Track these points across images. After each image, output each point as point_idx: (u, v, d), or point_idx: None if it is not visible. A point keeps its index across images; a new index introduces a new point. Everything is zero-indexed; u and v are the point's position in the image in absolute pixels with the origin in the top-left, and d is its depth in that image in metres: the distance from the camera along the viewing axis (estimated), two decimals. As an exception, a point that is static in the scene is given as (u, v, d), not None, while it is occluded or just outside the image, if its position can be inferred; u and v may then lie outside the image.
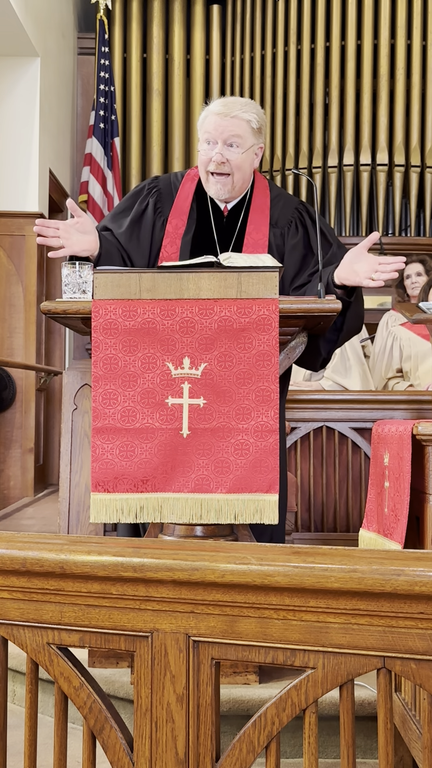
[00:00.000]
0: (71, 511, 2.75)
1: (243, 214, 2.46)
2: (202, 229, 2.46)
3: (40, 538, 1.22)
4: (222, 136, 2.35)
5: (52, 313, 2.10)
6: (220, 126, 2.35)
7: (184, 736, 1.13)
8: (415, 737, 1.74)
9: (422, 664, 1.04)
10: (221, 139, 2.35)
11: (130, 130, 6.77)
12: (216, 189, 2.41)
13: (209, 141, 2.38)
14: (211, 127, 2.37)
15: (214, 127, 2.36)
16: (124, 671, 2.39)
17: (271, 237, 2.44)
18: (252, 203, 2.47)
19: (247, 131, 2.37)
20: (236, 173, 2.39)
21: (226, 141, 2.35)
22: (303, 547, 1.14)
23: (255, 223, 2.44)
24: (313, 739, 1.09)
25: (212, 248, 2.43)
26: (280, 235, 2.45)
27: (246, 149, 2.38)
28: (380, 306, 6.31)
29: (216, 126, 2.36)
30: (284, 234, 2.45)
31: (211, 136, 2.37)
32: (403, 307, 4.29)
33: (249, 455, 2.01)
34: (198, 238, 2.45)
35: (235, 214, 2.47)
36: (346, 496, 3.52)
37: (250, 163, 2.43)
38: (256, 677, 2.29)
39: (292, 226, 2.46)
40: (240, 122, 2.35)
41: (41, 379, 5.51)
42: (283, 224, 2.46)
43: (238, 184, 2.42)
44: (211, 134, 2.36)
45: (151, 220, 2.48)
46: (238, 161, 2.37)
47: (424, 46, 6.48)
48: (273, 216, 2.46)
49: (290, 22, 6.58)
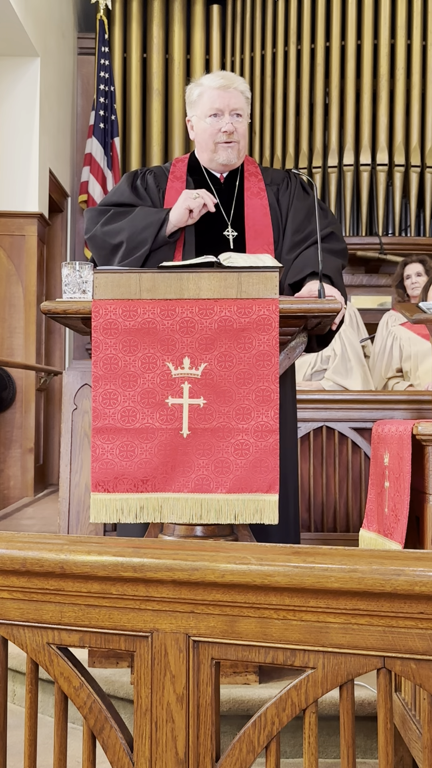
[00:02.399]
0: (71, 511, 2.75)
1: (239, 179, 2.62)
2: None
3: (40, 538, 1.22)
4: (228, 108, 2.51)
5: (52, 313, 2.10)
6: (225, 99, 2.51)
7: (184, 736, 1.13)
8: (415, 737, 1.74)
9: (422, 664, 1.04)
10: (228, 111, 2.51)
11: (130, 130, 6.77)
12: (227, 154, 2.56)
13: (216, 114, 2.52)
14: (217, 101, 2.51)
15: (220, 101, 2.51)
16: (124, 671, 2.39)
17: (269, 194, 2.60)
18: (245, 171, 2.64)
19: (244, 102, 2.55)
20: (242, 141, 2.56)
21: (232, 112, 2.51)
22: (303, 547, 1.14)
23: (251, 185, 2.61)
24: (313, 739, 1.09)
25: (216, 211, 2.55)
26: (276, 191, 2.62)
27: (245, 118, 2.56)
28: (380, 306, 6.31)
29: (222, 99, 2.51)
30: (279, 190, 2.63)
31: (218, 110, 2.51)
32: (403, 307, 4.28)
33: (249, 455, 2.01)
34: None
35: (231, 181, 2.62)
36: (346, 496, 3.52)
37: (247, 132, 2.62)
38: (256, 677, 2.29)
39: (284, 184, 2.64)
40: (239, 94, 2.53)
41: (41, 379, 5.51)
42: (277, 182, 2.64)
43: (243, 152, 2.60)
44: (220, 108, 2.51)
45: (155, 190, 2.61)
46: (243, 130, 2.55)
47: (424, 46, 6.48)
48: (266, 178, 2.64)
49: (290, 22, 6.58)
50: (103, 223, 2.52)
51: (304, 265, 2.43)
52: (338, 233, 2.56)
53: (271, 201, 2.59)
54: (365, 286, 6.51)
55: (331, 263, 2.42)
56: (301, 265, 2.44)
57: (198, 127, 2.56)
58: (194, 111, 2.55)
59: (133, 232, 2.47)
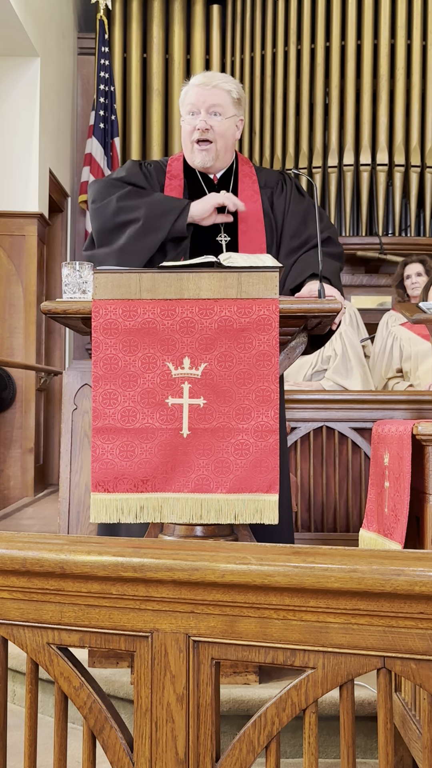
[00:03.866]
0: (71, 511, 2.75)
1: (233, 179, 2.58)
2: (196, 195, 2.54)
3: (40, 538, 1.22)
4: (204, 105, 2.46)
5: (52, 313, 2.10)
6: (202, 96, 2.46)
7: (184, 736, 1.13)
8: (415, 737, 1.74)
9: (422, 664, 1.04)
10: (204, 108, 2.46)
11: (130, 130, 6.77)
12: (201, 157, 2.50)
13: (192, 112, 2.48)
14: (193, 98, 2.48)
15: (196, 98, 2.47)
16: (124, 671, 2.39)
17: (263, 197, 2.56)
18: (239, 171, 2.59)
19: (227, 101, 2.48)
20: (219, 141, 2.48)
21: (209, 110, 2.46)
22: (303, 547, 1.14)
23: (245, 187, 2.56)
24: (313, 739, 1.09)
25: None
26: (270, 194, 2.57)
27: (227, 117, 2.49)
28: (380, 306, 6.32)
29: (198, 96, 2.47)
30: (273, 193, 2.58)
31: (194, 107, 2.47)
32: (403, 307, 4.28)
33: (249, 455, 2.01)
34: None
35: (224, 182, 2.58)
36: (346, 496, 3.52)
37: (232, 133, 2.53)
38: (256, 677, 2.29)
39: (278, 186, 2.59)
40: (221, 92, 2.47)
41: (41, 379, 5.51)
42: (272, 184, 2.59)
43: (222, 153, 2.51)
44: (195, 105, 2.47)
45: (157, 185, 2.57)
46: (221, 129, 2.48)
47: (424, 46, 6.48)
48: (261, 180, 2.59)
49: (290, 22, 6.58)
50: (121, 197, 2.44)
51: (303, 268, 2.41)
52: (335, 237, 2.54)
53: (265, 205, 2.55)
54: (365, 286, 6.52)
55: (330, 266, 2.40)
56: (300, 269, 2.42)
57: (182, 127, 2.55)
58: (182, 111, 2.54)
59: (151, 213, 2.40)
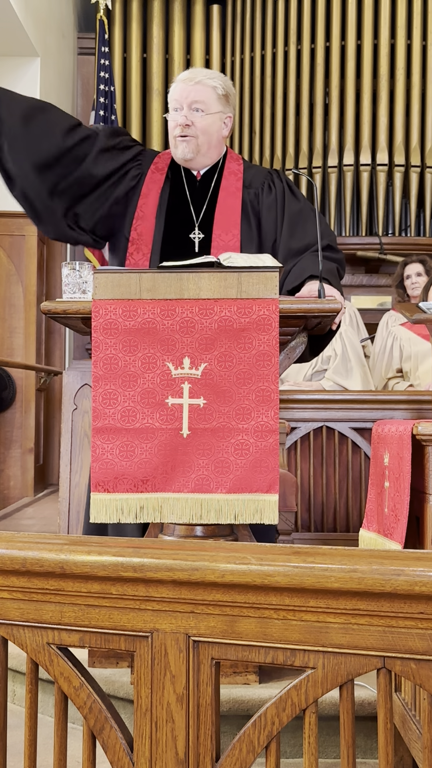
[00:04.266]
0: (71, 511, 2.75)
1: (216, 177, 2.56)
2: (177, 189, 2.55)
3: (40, 538, 1.22)
4: (187, 101, 2.46)
5: (52, 313, 2.10)
6: (185, 91, 2.47)
7: (184, 736, 1.13)
8: (415, 737, 1.74)
9: (422, 664, 1.04)
10: (186, 104, 2.46)
11: (130, 130, 6.77)
12: (181, 148, 2.50)
13: (176, 108, 2.49)
14: (177, 93, 2.48)
15: (179, 93, 2.47)
16: (124, 671, 2.39)
17: (245, 196, 2.53)
18: (225, 169, 2.57)
19: (212, 97, 2.47)
20: (201, 136, 2.48)
21: (191, 106, 2.46)
22: (303, 547, 1.14)
23: (228, 185, 2.55)
24: (313, 739, 1.09)
25: (186, 211, 2.52)
26: (254, 195, 2.54)
27: (211, 113, 2.48)
28: (380, 306, 6.32)
29: (181, 92, 2.47)
30: (258, 194, 2.54)
31: (178, 102, 2.48)
32: (403, 307, 4.28)
33: (249, 455, 2.01)
34: (172, 203, 2.53)
35: (207, 179, 2.57)
36: (346, 496, 3.52)
37: (217, 129, 2.52)
38: (256, 677, 2.29)
39: (266, 186, 2.56)
40: (205, 88, 2.46)
41: (41, 379, 5.51)
42: (257, 185, 2.56)
43: (204, 148, 2.51)
44: (178, 100, 2.48)
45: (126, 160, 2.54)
46: (202, 124, 2.47)
47: (424, 46, 6.48)
48: (246, 179, 2.56)
49: (290, 22, 6.58)
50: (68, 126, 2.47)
51: (302, 269, 2.39)
52: (334, 244, 2.50)
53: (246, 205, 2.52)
54: (365, 286, 6.52)
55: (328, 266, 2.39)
56: (299, 271, 2.40)
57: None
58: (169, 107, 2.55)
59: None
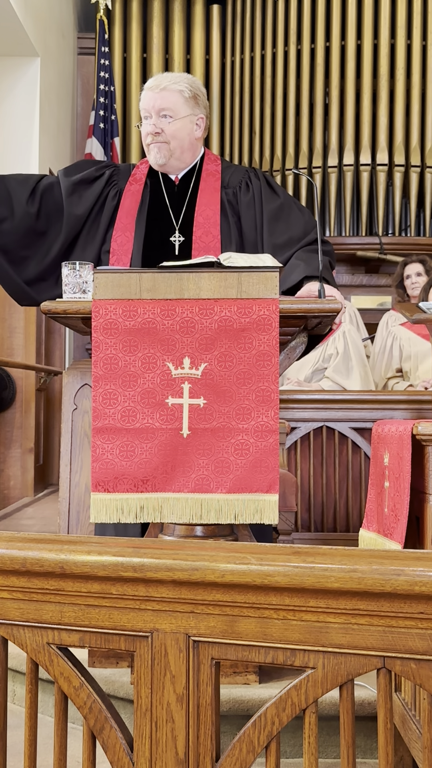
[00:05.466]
0: (71, 511, 2.75)
1: (194, 179, 2.58)
2: (156, 196, 2.57)
3: (40, 538, 1.21)
4: (155, 109, 2.49)
5: (52, 313, 2.10)
6: (151, 100, 2.50)
7: (184, 736, 1.13)
8: (415, 737, 1.74)
9: (422, 664, 1.04)
10: (154, 112, 2.49)
11: (130, 130, 6.77)
12: (153, 154, 2.54)
13: (145, 116, 2.52)
14: (144, 102, 2.51)
15: (146, 102, 2.51)
16: (124, 671, 2.39)
17: (224, 196, 2.55)
18: (203, 170, 2.60)
19: (178, 102, 2.49)
20: (172, 141, 2.51)
21: (159, 113, 2.49)
22: (303, 547, 1.14)
23: (206, 186, 2.57)
24: (313, 739, 1.09)
25: (165, 215, 2.55)
26: (233, 194, 2.56)
27: (179, 118, 2.50)
28: (380, 306, 6.32)
29: (148, 100, 2.50)
30: (236, 193, 2.56)
31: (146, 111, 2.51)
32: (403, 307, 4.28)
33: (249, 455, 2.01)
34: (152, 209, 2.56)
35: (186, 182, 2.59)
36: (346, 496, 3.52)
37: (188, 132, 2.54)
38: (256, 677, 2.29)
39: (243, 185, 2.57)
40: (170, 94, 2.48)
41: (41, 379, 5.51)
42: (234, 184, 2.58)
43: (177, 152, 2.53)
44: (146, 109, 2.51)
45: (101, 187, 2.59)
46: (172, 130, 2.50)
47: (424, 46, 6.48)
48: (224, 179, 2.58)
49: (290, 22, 6.58)
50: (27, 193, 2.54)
51: (296, 267, 2.39)
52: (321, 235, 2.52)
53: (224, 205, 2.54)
54: (365, 286, 6.52)
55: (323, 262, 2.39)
56: (292, 268, 2.40)
57: None
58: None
59: None
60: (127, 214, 2.55)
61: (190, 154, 2.57)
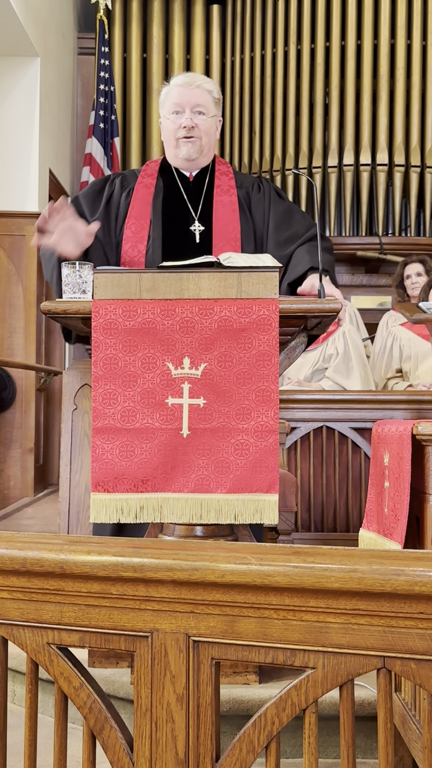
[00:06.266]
0: (71, 511, 2.75)
1: (208, 177, 2.64)
2: (171, 192, 2.61)
3: (40, 538, 1.22)
4: (189, 105, 2.54)
5: (52, 313, 2.10)
6: (186, 95, 2.55)
7: (184, 736, 1.13)
8: (415, 737, 1.74)
9: (422, 664, 1.04)
10: (189, 108, 2.54)
11: (130, 130, 6.77)
12: (187, 149, 2.58)
13: (176, 111, 2.56)
14: (177, 97, 2.56)
15: (180, 97, 2.56)
16: (124, 671, 2.39)
17: (239, 193, 2.62)
18: (216, 170, 2.66)
19: (209, 101, 2.57)
20: (204, 137, 2.58)
21: (193, 109, 2.54)
22: (303, 547, 1.14)
23: (221, 183, 2.63)
24: (313, 739, 1.09)
25: (183, 206, 2.59)
26: (245, 194, 2.64)
27: (210, 116, 2.58)
28: (380, 306, 6.32)
29: (182, 96, 2.56)
30: (249, 193, 2.64)
31: (179, 106, 2.56)
32: (403, 307, 4.29)
33: (249, 455, 2.01)
34: (168, 199, 2.60)
35: (200, 180, 2.64)
36: (346, 496, 3.52)
37: (214, 131, 2.63)
38: (256, 677, 2.29)
39: (255, 186, 2.67)
40: (204, 92, 2.56)
41: (41, 379, 5.51)
42: (247, 185, 2.66)
43: (206, 149, 2.60)
44: (179, 104, 2.56)
45: (119, 196, 2.63)
46: (205, 127, 2.57)
47: (424, 46, 6.48)
48: (237, 180, 2.66)
49: (290, 22, 6.58)
50: None
51: (299, 260, 2.45)
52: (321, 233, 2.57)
53: (240, 201, 2.61)
54: (365, 286, 6.52)
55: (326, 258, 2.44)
56: (295, 263, 2.46)
57: (164, 126, 2.62)
58: (162, 110, 2.62)
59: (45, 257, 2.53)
60: (141, 204, 2.58)
61: (211, 154, 2.65)
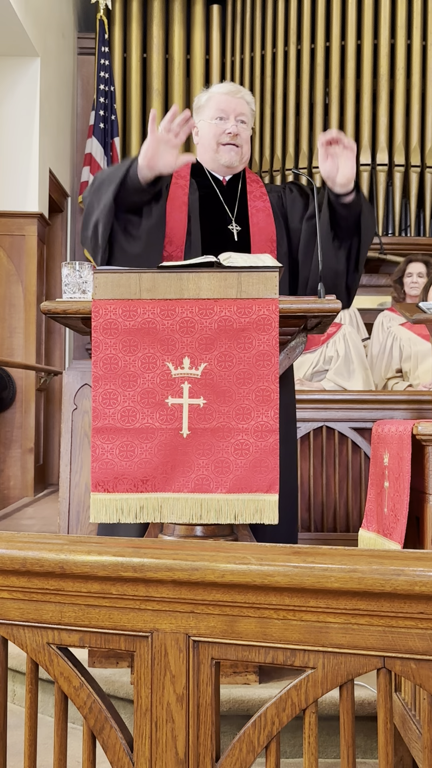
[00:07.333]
0: (71, 511, 2.75)
1: (241, 183, 2.70)
2: (208, 192, 2.66)
3: (40, 538, 1.21)
4: (234, 113, 2.61)
5: (52, 313, 2.10)
6: (231, 104, 2.62)
7: (184, 736, 1.13)
8: (415, 737, 1.74)
9: (422, 664, 1.04)
10: (233, 116, 2.61)
11: (130, 130, 6.77)
12: (229, 156, 2.63)
13: (221, 117, 2.62)
14: (224, 104, 2.62)
15: (226, 104, 2.62)
16: (124, 671, 2.39)
17: (271, 198, 2.68)
18: (247, 177, 2.72)
19: (249, 112, 2.66)
20: (244, 146, 2.64)
21: (237, 117, 2.61)
22: (303, 547, 1.14)
23: (252, 189, 2.70)
24: (313, 739, 1.09)
25: (220, 207, 2.63)
26: (278, 197, 2.70)
27: (250, 126, 2.66)
28: (380, 306, 6.31)
29: (228, 103, 2.62)
30: (281, 195, 2.71)
31: (224, 113, 2.61)
32: (403, 307, 4.29)
33: (249, 455, 2.01)
34: (205, 199, 2.64)
35: (232, 184, 2.69)
36: (346, 496, 3.52)
37: (249, 141, 2.70)
38: (256, 677, 2.29)
39: (286, 189, 2.73)
40: (245, 103, 2.64)
41: (41, 379, 5.51)
42: (277, 189, 2.73)
43: (246, 157, 2.67)
44: (225, 111, 2.61)
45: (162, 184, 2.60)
46: (246, 136, 2.65)
47: (424, 46, 6.48)
48: (266, 187, 2.73)
49: (290, 22, 6.58)
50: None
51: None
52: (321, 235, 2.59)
53: (273, 205, 2.66)
54: (365, 286, 6.51)
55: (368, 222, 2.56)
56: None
57: (203, 130, 2.65)
58: (201, 116, 2.65)
59: (110, 169, 2.50)
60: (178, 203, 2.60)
61: (246, 162, 2.71)
